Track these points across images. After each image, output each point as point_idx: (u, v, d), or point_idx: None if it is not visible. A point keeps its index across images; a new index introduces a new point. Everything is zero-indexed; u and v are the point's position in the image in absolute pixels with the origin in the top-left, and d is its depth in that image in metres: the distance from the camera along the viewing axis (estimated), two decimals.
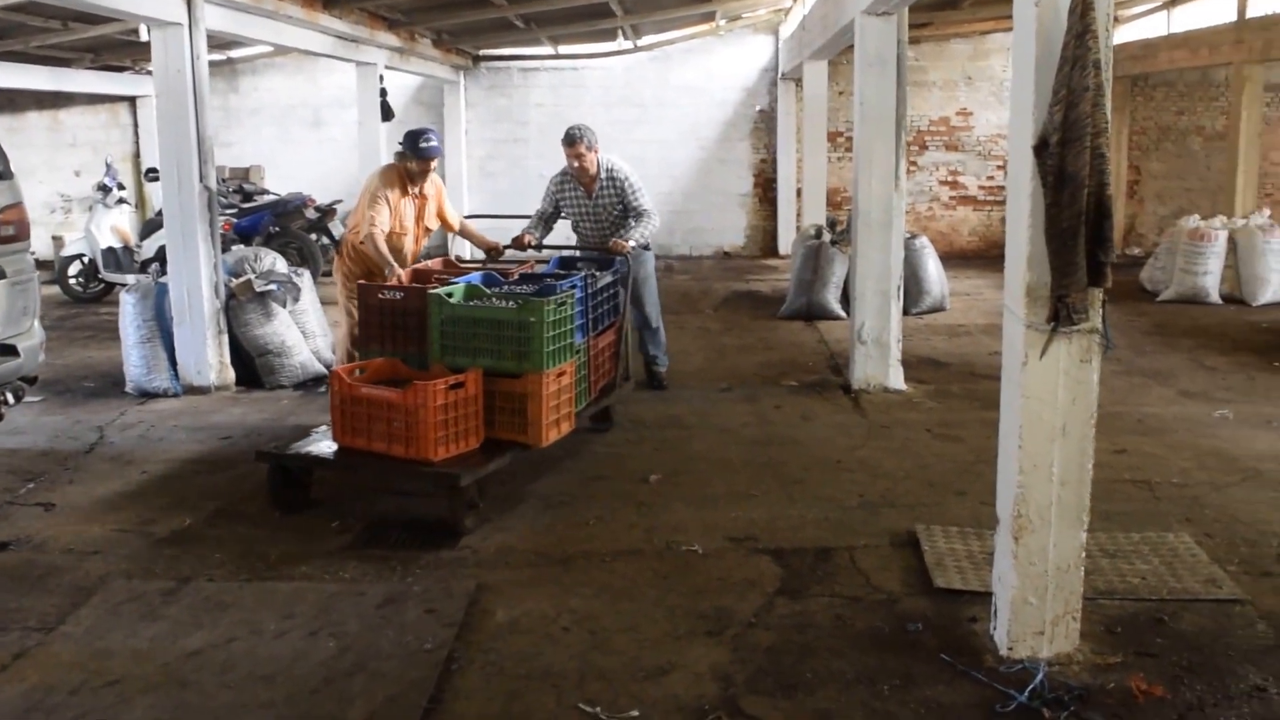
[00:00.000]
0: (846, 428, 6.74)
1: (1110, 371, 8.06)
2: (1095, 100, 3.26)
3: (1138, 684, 3.56)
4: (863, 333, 7.47)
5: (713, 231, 16.22)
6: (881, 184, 7.31)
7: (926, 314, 10.68)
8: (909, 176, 15.69)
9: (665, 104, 15.95)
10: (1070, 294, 3.32)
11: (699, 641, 3.94)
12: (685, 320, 10.65)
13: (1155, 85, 15.72)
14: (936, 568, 4.48)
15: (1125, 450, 6.17)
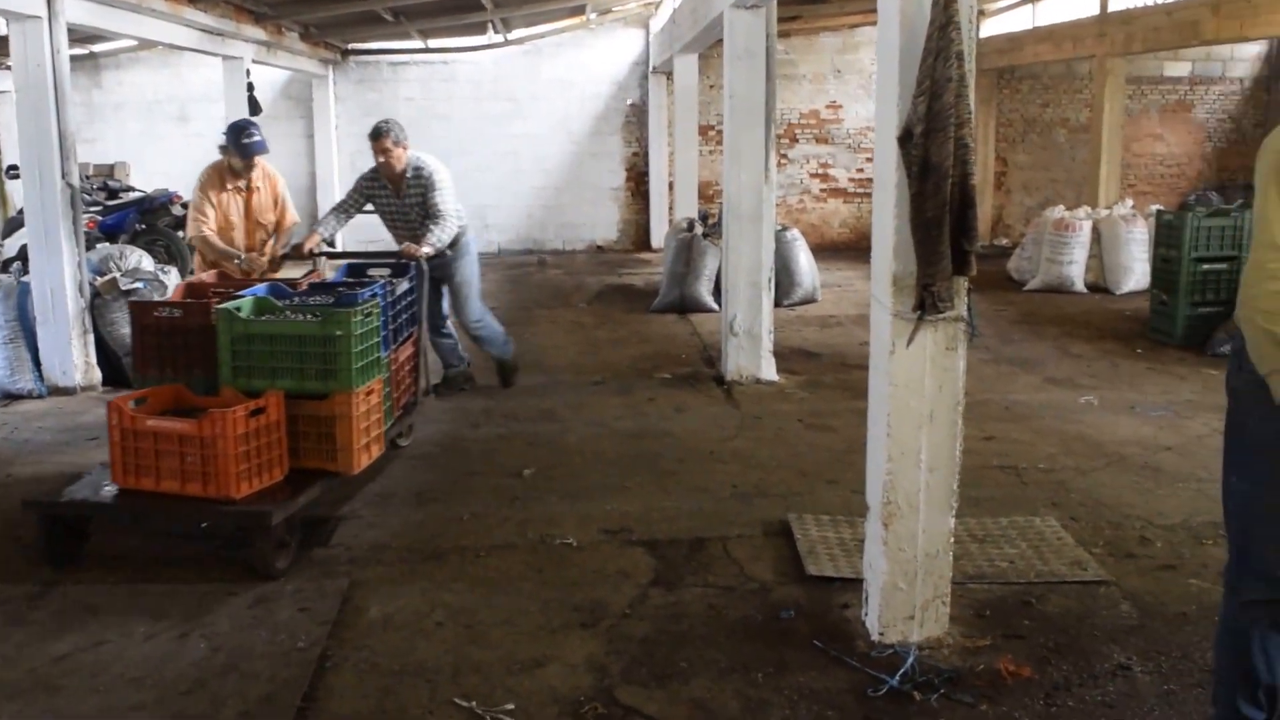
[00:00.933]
0: (719, 419, 6.77)
1: (979, 359, 8.30)
2: (959, 91, 3.31)
3: (1006, 665, 3.64)
4: (734, 325, 7.51)
5: (585, 226, 16.19)
6: (751, 177, 7.36)
7: (798, 306, 10.82)
8: (780, 169, 15.91)
9: (537, 98, 15.85)
10: (935, 283, 3.37)
11: (574, 634, 3.90)
12: (558, 315, 10.59)
13: (1021, 78, 16.22)
14: (809, 555, 4.52)
15: (994, 437, 6.33)
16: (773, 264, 7.68)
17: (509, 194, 15.90)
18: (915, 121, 3.31)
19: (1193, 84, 16.14)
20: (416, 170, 6.85)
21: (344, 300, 5.10)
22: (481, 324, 7.39)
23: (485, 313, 7.45)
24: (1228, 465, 2.97)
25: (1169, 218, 9.14)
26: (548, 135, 15.96)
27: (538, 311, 10.82)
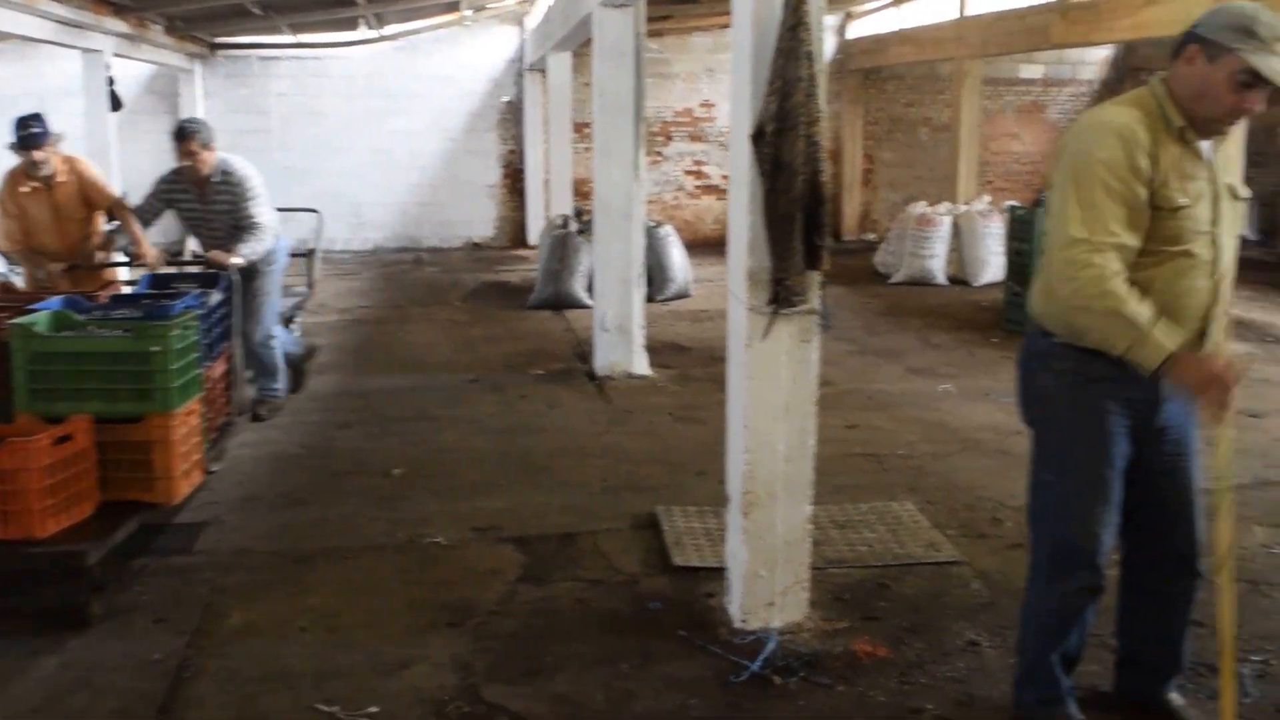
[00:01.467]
0: (591, 414, 6.81)
1: (845, 351, 8.52)
2: (808, 91, 3.40)
3: (863, 647, 3.76)
4: (606, 320, 7.56)
5: (462, 223, 16.06)
6: (622, 174, 7.42)
7: (671, 301, 10.93)
8: (654, 167, 16.04)
9: (412, 94, 15.65)
10: (789, 277, 3.46)
11: (441, 633, 3.90)
12: (434, 313, 10.52)
13: (887, 79, 16.61)
14: (675, 547, 4.59)
15: (857, 425, 6.51)
16: (644, 260, 7.75)
17: (385, 191, 15.69)
18: (767, 120, 3.40)
19: (1046, 85, 16.74)
20: (225, 174, 6.29)
21: (156, 313, 4.62)
22: (268, 346, 6.65)
23: (278, 334, 6.80)
24: (1041, 462, 3.11)
25: (1021, 212, 9.51)
26: (424, 132, 15.78)
27: (413, 309, 10.72)
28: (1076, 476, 3.02)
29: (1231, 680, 2.87)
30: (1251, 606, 4.14)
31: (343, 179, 15.31)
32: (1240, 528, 4.89)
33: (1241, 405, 6.89)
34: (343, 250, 15.20)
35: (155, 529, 4.68)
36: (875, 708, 3.41)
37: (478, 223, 16.14)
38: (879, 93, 16.69)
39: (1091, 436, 2.99)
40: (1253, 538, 4.80)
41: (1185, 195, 2.82)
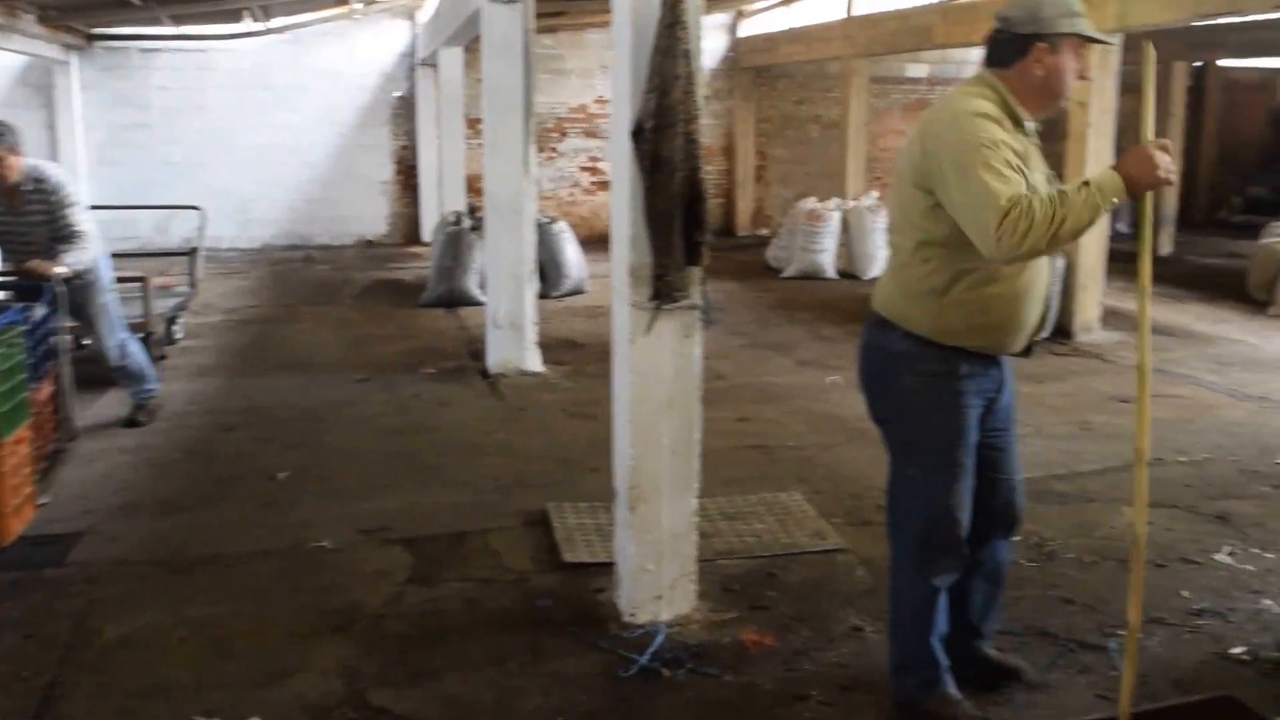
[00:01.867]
0: (484, 412, 6.78)
1: (736, 345, 8.61)
2: (686, 88, 3.43)
3: (749, 636, 3.82)
4: (498, 317, 7.53)
5: (354, 220, 15.81)
6: (511, 170, 7.38)
7: (566, 297, 10.92)
8: (550, 163, 16.01)
9: (300, 89, 15.34)
10: (669, 273, 3.49)
11: (326, 639, 3.84)
12: (323, 311, 10.34)
13: (778, 77, 16.82)
14: (566, 543, 4.59)
15: (748, 418, 6.59)
16: (535, 256, 7.72)
17: (273, 187, 15.36)
18: (646, 117, 3.42)
19: (931, 84, 17.11)
20: (38, 181, 5.80)
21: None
22: (125, 352, 6.34)
23: (130, 339, 6.45)
24: (904, 458, 3.22)
25: None
26: (313, 127, 15.48)
27: (302, 309, 10.53)
28: (943, 469, 3.13)
29: (1134, 655, 2.97)
30: (1120, 583, 4.25)
31: (229, 175, 14.96)
32: (1110, 509, 5.10)
33: (1113, 393, 7.17)
34: (229, 248, 14.85)
35: (29, 540, 4.54)
36: (762, 696, 3.46)
37: (370, 219, 15.91)
38: (770, 90, 16.89)
39: (954, 430, 3.10)
40: (1122, 518, 4.99)
41: (1033, 181, 2.90)
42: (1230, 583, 4.33)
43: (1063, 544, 4.69)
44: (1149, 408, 2.88)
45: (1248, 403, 7.07)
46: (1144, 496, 2.87)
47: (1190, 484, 5.48)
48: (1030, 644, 3.80)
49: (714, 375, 7.58)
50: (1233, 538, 4.77)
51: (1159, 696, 3.42)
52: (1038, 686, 3.52)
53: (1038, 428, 6.37)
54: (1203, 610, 4.07)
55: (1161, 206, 14.58)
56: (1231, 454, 5.97)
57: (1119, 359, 8.33)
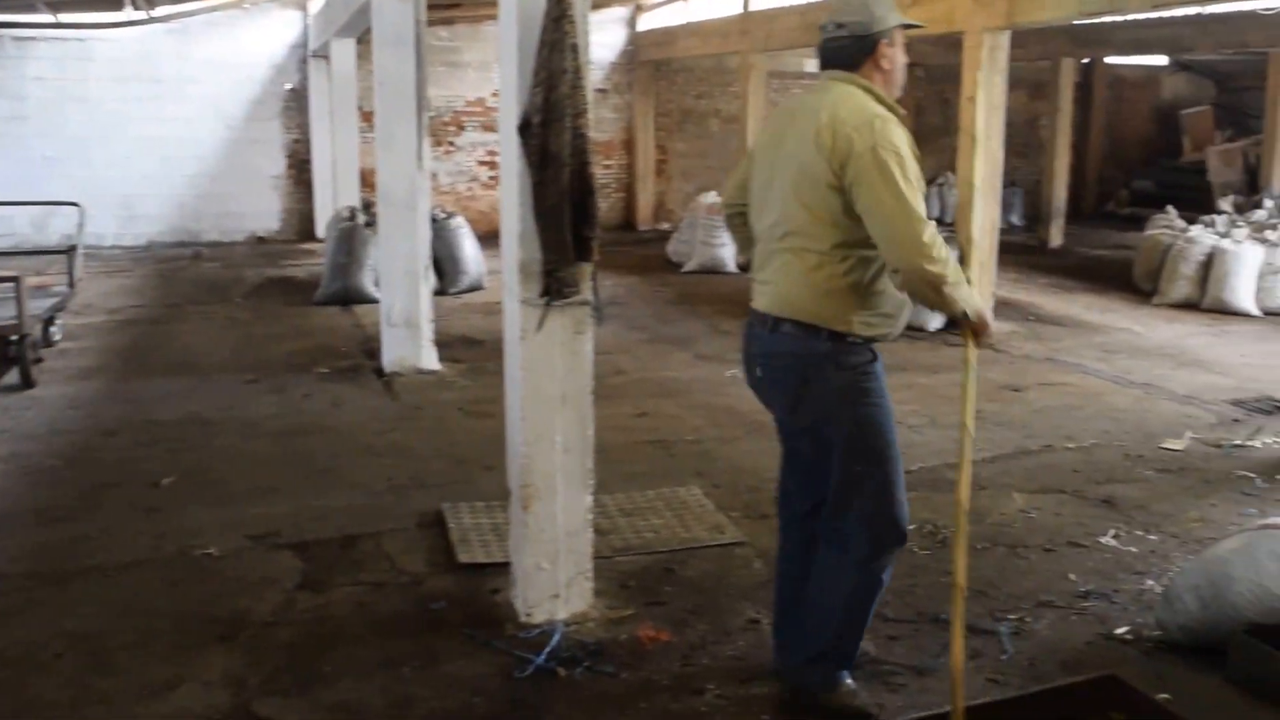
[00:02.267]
0: (378, 412, 6.65)
1: (636, 340, 8.59)
2: (574, 83, 3.38)
3: (646, 632, 3.80)
4: (393, 315, 7.39)
5: (245, 215, 15.40)
6: (404, 164, 7.25)
7: (465, 293, 10.79)
8: (447, 158, 15.81)
9: (187, 80, 14.88)
10: (560, 269, 3.44)
11: (211, 649, 3.72)
12: (212, 311, 10.05)
13: (677, 71, 16.83)
14: (461, 544, 4.52)
15: (647, 413, 6.57)
16: (429, 251, 7.60)
17: (159, 183, 14.87)
18: (533, 112, 3.37)
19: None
20: None
21: None
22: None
23: None
24: (851, 457, 3.17)
25: None
26: (201, 120, 15.03)
27: (189, 308, 10.21)
28: (888, 459, 3.19)
29: (961, 626, 3.04)
30: (1010, 568, 4.40)
31: (111, 170, 14.45)
32: (1001, 495, 5.20)
33: (1006, 383, 7.31)
34: (113, 246, 14.35)
35: None
36: (658, 692, 3.44)
37: (262, 215, 15.52)
38: (670, 84, 16.91)
39: (887, 419, 3.19)
40: (1012, 504, 5.09)
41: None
42: (1115, 565, 4.45)
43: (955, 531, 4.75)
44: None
45: (1133, 389, 7.28)
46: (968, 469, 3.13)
47: (1078, 469, 5.62)
48: (922, 630, 3.86)
49: (614, 370, 7.58)
50: (1118, 521, 4.91)
51: (1046, 678, 3.51)
52: (927, 672, 3.56)
53: (932, 418, 6.47)
54: (1089, 592, 4.18)
55: (1053, 199, 14.99)
56: (1117, 439, 6.14)
57: (1012, 349, 8.50)
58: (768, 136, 3.32)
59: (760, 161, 3.27)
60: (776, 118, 3.41)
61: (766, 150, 3.26)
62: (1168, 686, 3.47)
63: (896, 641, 3.77)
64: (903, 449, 5.84)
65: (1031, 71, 17.27)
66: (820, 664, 3.35)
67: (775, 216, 3.16)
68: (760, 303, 3.21)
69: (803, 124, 3.09)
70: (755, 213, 3.30)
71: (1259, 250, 9.99)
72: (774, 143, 3.22)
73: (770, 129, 3.35)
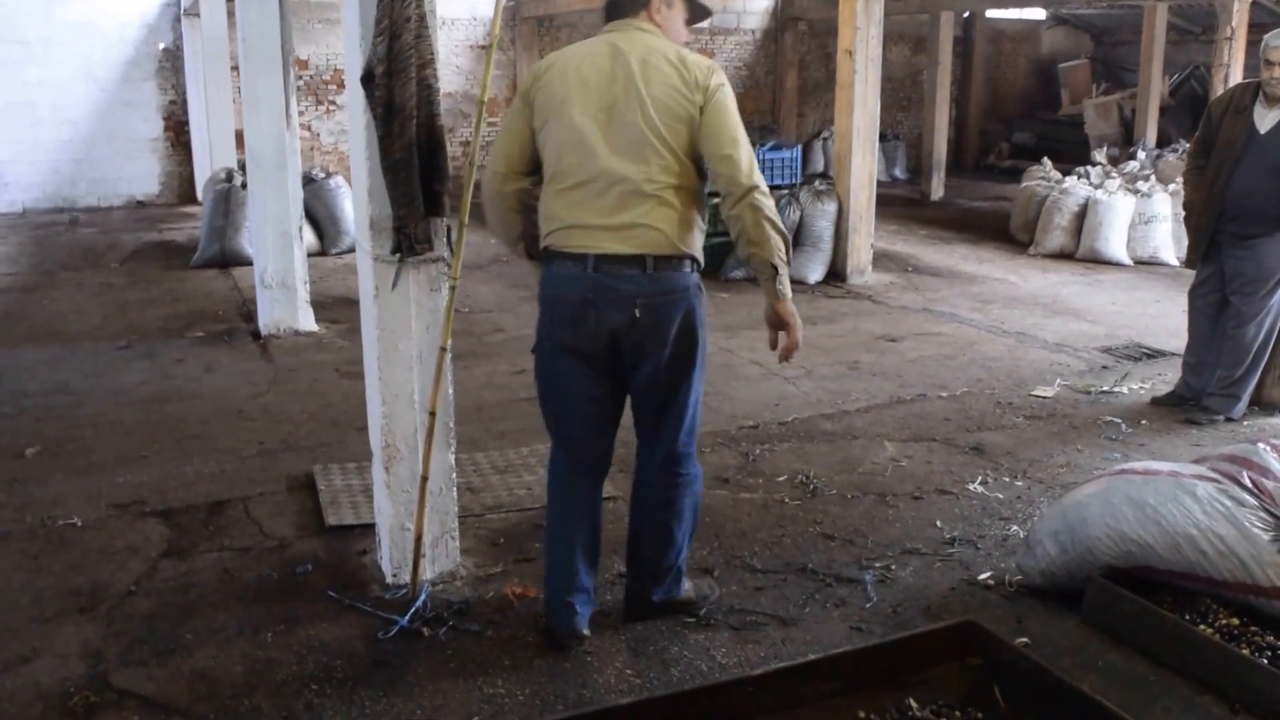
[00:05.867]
0: (252, 375, 6.52)
1: (517, 298, 8.55)
2: (419, 31, 3.33)
3: (513, 589, 3.80)
4: (266, 276, 7.24)
5: (122, 180, 14.91)
6: (271, 124, 7.07)
7: (346, 254, 10.58)
8: (329, 117, 15.47)
9: (54, 42, 14.26)
10: (409, 225, 3.40)
11: (69, 621, 3.63)
12: (86, 277, 9.72)
13: (560, 26, 16.65)
14: (330, 506, 4.47)
15: (525, 370, 6.49)
16: (301, 212, 7.44)
17: (29, 148, 14.29)
18: (376, 62, 3.30)
19: (712, 34, 17.28)
20: None
21: None
22: None
23: None
24: (698, 381, 3.43)
25: None
26: (70, 83, 14.45)
27: (62, 275, 9.87)
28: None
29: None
30: (879, 517, 4.48)
31: None
32: (873, 444, 5.30)
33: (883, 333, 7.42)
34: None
35: None
36: (523, 648, 3.46)
37: (140, 179, 15.03)
38: (553, 41, 16.72)
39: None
40: (884, 453, 5.19)
41: None
42: (981, 511, 4.55)
43: (826, 481, 4.84)
44: None
45: (1006, 338, 7.46)
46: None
47: (949, 417, 5.74)
48: (789, 580, 3.92)
49: (493, 328, 7.55)
50: (986, 467, 5.03)
51: (911, 625, 3.59)
52: (792, 622, 3.62)
53: (809, 369, 6.56)
54: (954, 539, 4.27)
55: (933, 152, 15.22)
56: (989, 387, 6.29)
57: (889, 300, 8.65)
58: (575, 85, 3.18)
59: (578, 110, 3.16)
60: (579, 65, 3.21)
61: (585, 98, 3.16)
62: (1027, 630, 3.56)
63: (762, 592, 3.83)
64: (777, 400, 6.01)
65: (913, 25, 17.49)
66: (678, 577, 3.57)
67: (631, 158, 3.13)
68: (625, 246, 3.15)
69: (637, 65, 3.15)
70: (573, 164, 3.18)
71: (1131, 201, 10.27)
72: (598, 88, 3.15)
73: (575, 76, 3.19)
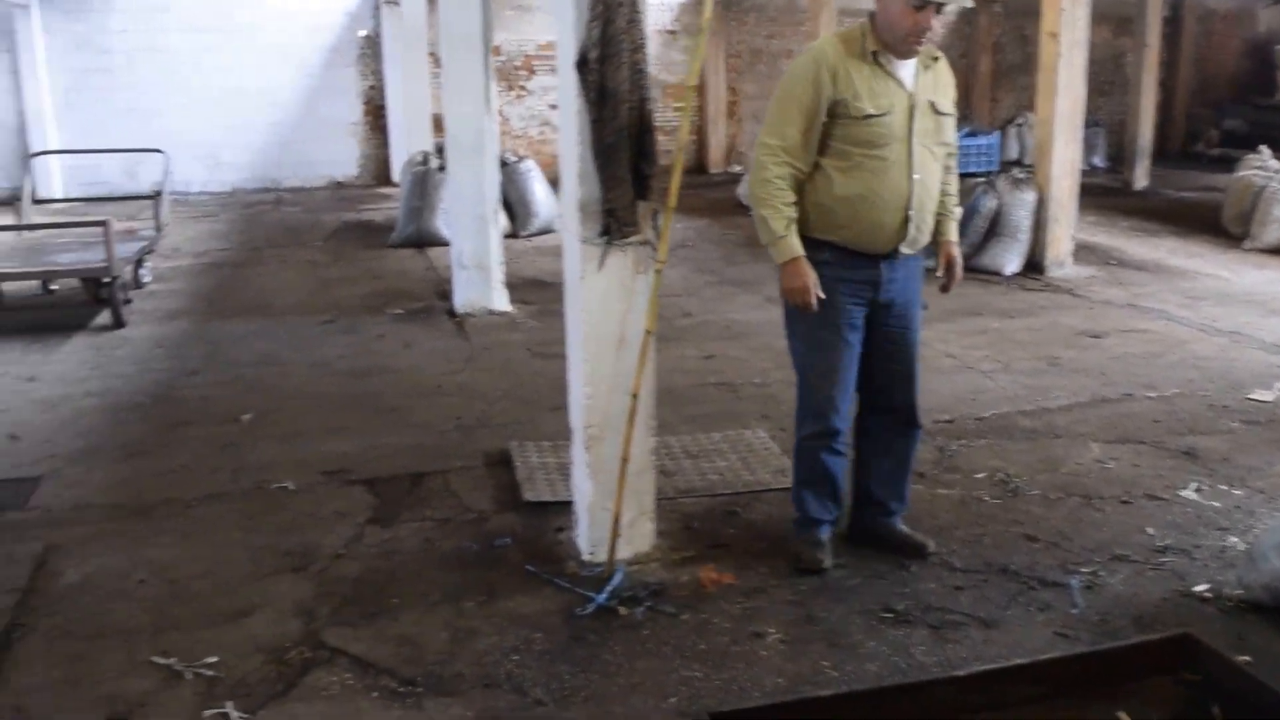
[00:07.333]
0: (448, 353, 6.72)
1: (704, 282, 8.57)
2: (631, 16, 3.35)
3: (708, 574, 3.80)
4: (463, 258, 7.45)
5: (324, 162, 15.61)
6: (471, 107, 7.27)
7: (535, 236, 10.83)
8: (519, 102, 15.81)
9: (264, 29, 15.04)
10: (618, 208, 3.42)
11: (283, 579, 3.82)
12: (291, 254, 10.23)
13: (748, 10, 16.60)
14: (526, 482, 4.57)
15: (713, 355, 6.55)
16: (498, 195, 7.62)
17: (241, 131, 15.13)
18: (590, 47, 3.34)
19: None
20: None
21: None
22: None
23: None
24: (788, 334, 3.84)
25: None
26: (278, 69, 15.22)
27: (268, 251, 10.41)
28: (816, 346, 3.73)
29: None
30: (1085, 520, 4.29)
31: (195, 119, 14.71)
32: (1076, 444, 5.09)
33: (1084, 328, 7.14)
34: (200, 192, 14.67)
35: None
36: (718, 634, 3.45)
37: (340, 161, 15.72)
38: (740, 25, 16.68)
39: (822, 312, 3.64)
40: (1089, 453, 4.98)
41: (875, 107, 3.48)
42: (1196, 519, 4.28)
43: (1027, 480, 4.67)
44: None
45: (1218, 337, 7.06)
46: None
47: (1158, 419, 5.45)
48: (990, 581, 3.78)
49: (680, 312, 7.58)
50: (1200, 474, 4.73)
51: (1120, 634, 3.41)
52: (993, 624, 3.51)
53: (1005, 363, 6.36)
54: (1166, 547, 4.03)
55: (1138, 139, 14.52)
56: (1201, 389, 5.94)
57: (1090, 294, 8.30)
58: None
59: None
60: None
61: None
62: (1249, 648, 3.33)
63: (961, 591, 3.72)
64: (973, 394, 5.85)
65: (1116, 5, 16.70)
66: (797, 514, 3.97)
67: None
68: None
69: None
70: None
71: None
72: None
73: None
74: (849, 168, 3.51)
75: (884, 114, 3.48)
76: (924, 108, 3.57)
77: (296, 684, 3.20)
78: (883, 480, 3.94)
